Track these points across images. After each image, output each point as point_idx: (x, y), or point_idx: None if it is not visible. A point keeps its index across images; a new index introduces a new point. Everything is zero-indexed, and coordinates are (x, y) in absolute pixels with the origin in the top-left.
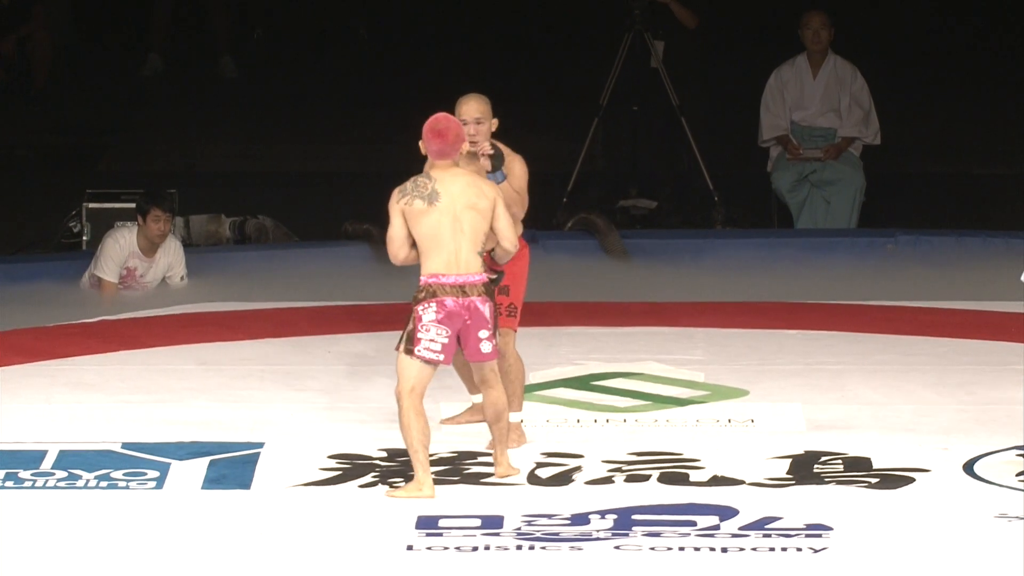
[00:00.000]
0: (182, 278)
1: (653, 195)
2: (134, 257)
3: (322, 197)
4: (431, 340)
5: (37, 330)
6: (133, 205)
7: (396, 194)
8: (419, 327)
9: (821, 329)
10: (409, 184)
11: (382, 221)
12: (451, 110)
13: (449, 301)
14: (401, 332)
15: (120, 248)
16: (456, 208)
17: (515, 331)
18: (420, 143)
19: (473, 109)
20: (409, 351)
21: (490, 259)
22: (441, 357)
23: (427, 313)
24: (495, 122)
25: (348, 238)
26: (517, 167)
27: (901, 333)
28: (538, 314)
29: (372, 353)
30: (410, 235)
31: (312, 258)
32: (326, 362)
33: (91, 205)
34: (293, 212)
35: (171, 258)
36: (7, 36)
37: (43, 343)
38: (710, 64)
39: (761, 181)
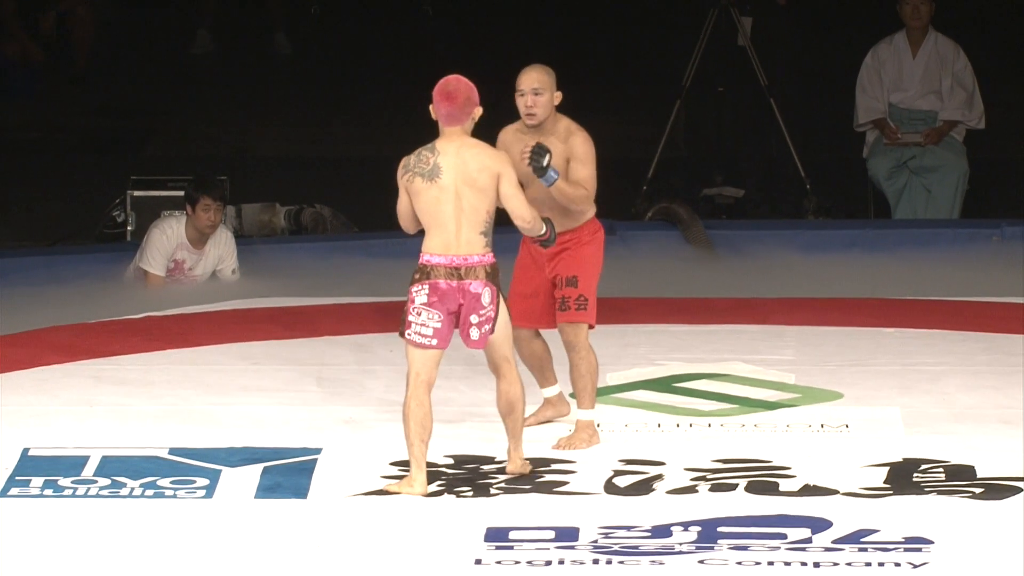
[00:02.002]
0: (233, 271)
1: (739, 183)
2: (182, 249)
3: (384, 184)
4: (422, 324)
5: (78, 327)
6: (181, 193)
7: (401, 168)
8: (411, 309)
9: (921, 327)
10: (413, 158)
11: None
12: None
13: (442, 283)
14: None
15: (167, 239)
16: (457, 185)
17: (589, 324)
18: (431, 107)
19: (531, 79)
20: (401, 333)
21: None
22: (434, 342)
23: (419, 295)
24: (559, 95)
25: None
26: (579, 145)
27: (1007, 332)
28: (615, 310)
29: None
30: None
31: (373, 250)
32: (388, 362)
33: (136, 193)
34: (353, 200)
35: (222, 250)
36: (46, 12)
37: (85, 341)
38: (802, 42)
39: (856, 168)
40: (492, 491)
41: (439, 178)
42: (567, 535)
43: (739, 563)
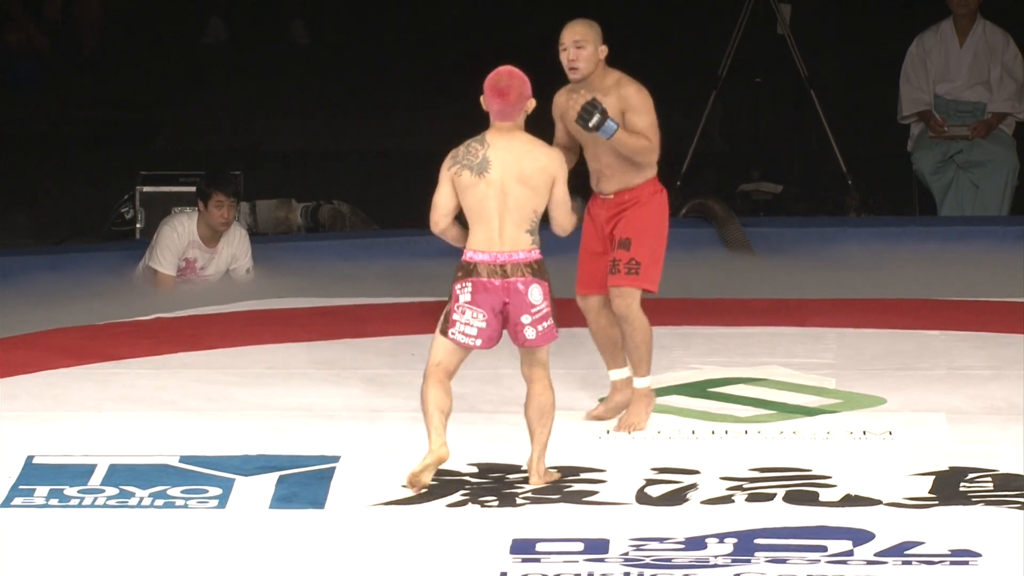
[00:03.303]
0: (248, 271)
1: (778, 178)
2: (194, 247)
3: (405, 179)
4: (466, 323)
5: (85, 329)
6: (193, 189)
7: (448, 159)
8: (455, 308)
9: (968, 330)
10: (461, 150)
11: None
12: (553, 80)
13: (486, 281)
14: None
15: (178, 237)
16: (505, 181)
17: (639, 290)
18: (481, 99)
19: (572, 32)
20: (444, 331)
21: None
22: (478, 343)
23: (464, 293)
24: (604, 49)
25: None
26: (633, 95)
27: None
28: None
29: None
30: (458, 205)
31: (394, 249)
32: (410, 366)
33: (145, 189)
34: (373, 196)
35: (235, 248)
36: None
37: (92, 343)
38: (843, 30)
39: (901, 162)
40: (518, 501)
41: (487, 172)
42: (597, 547)
43: None
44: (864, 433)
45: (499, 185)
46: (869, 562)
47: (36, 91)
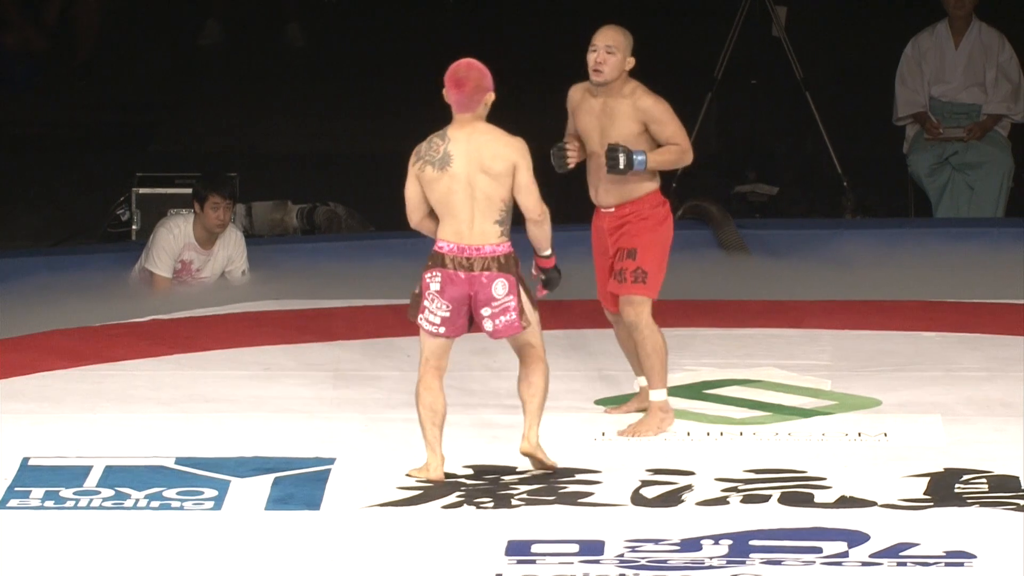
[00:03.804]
0: (243, 273)
1: (774, 180)
2: (190, 249)
3: (401, 181)
4: (432, 312)
5: (81, 330)
6: (189, 191)
7: (413, 155)
8: (425, 295)
9: (964, 331)
10: (424, 145)
11: None
12: (550, 83)
13: (452, 272)
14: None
15: (174, 239)
16: (469, 173)
17: (648, 298)
18: (444, 92)
19: (606, 36)
20: (412, 317)
21: (538, 258)
22: (441, 330)
23: (432, 282)
24: (631, 61)
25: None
26: (652, 107)
27: None
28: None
29: (457, 357)
30: (426, 200)
31: (390, 250)
32: (406, 367)
33: (141, 190)
34: (368, 198)
35: (231, 250)
36: (49, 1)
37: (88, 345)
38: (839, 32)
39: (896, 164)
40: (514, 502)
41: (450, 166)
42: (592, 549)
43: None
44: (859, 434)
45: (463, 178)
46: (864, 563)
47: (33, 93)
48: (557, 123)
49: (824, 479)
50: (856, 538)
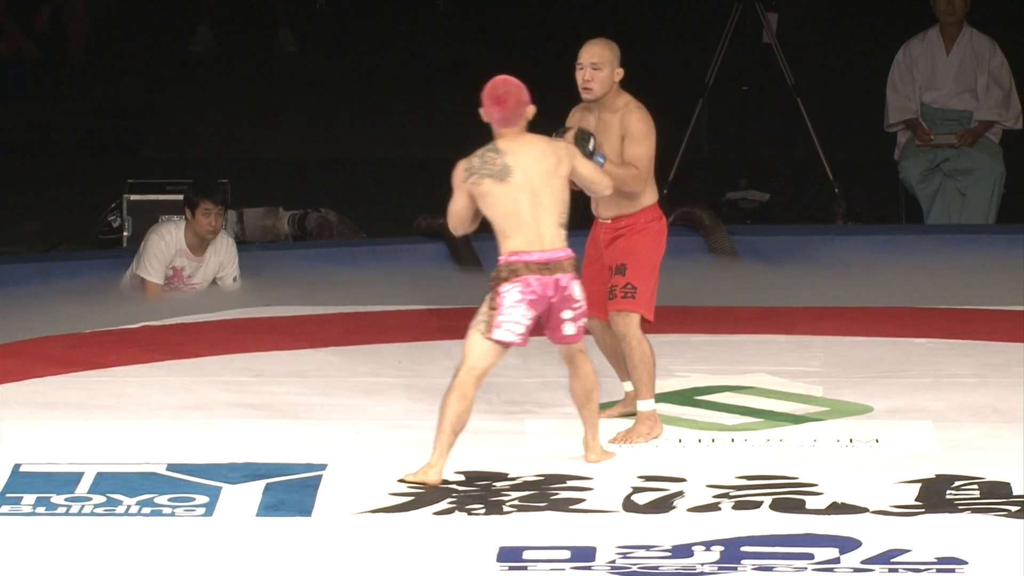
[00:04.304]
0: (235, 279)
1: (765, 186)
2: (181, 255)
3: (393, 188)
4: (514, 322)
5: (73, 337)
6: (180, 197)
7: (462, 171)
8: (501, 308)
9: (955, 338)
10: (476, 160)
11: None
12: (544, 87)
13: (534, 280)
14: (477, 311)
15: (166, 245)
16: (533, 182)
17: (636, 312)
18: (481, 111)
19: (591, 52)
20: (485, 333)
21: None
22: (519, 340)
23: (510, 294)
24: (620, 72)
25: (422, 234)
26: (634, 123)
27: None
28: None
29: (448, 364)
30: (474, 211)
31: (381, 257)
32: (397, 374)
33: (133, 197)
34: (360, 205)
35: (223, 257)
36: (40, 8)
37: (79, 352)
38: (830, 38)
39: (887, 170)
40: (505, 509)
41: (511, 177)
42: (584, 555)
43: None
44: (851, 441)
45: (527, 187)
46: (856, 570)
47: (24, 99)
48: (552, 125)
49: (815, 485)
50: (848, 544)
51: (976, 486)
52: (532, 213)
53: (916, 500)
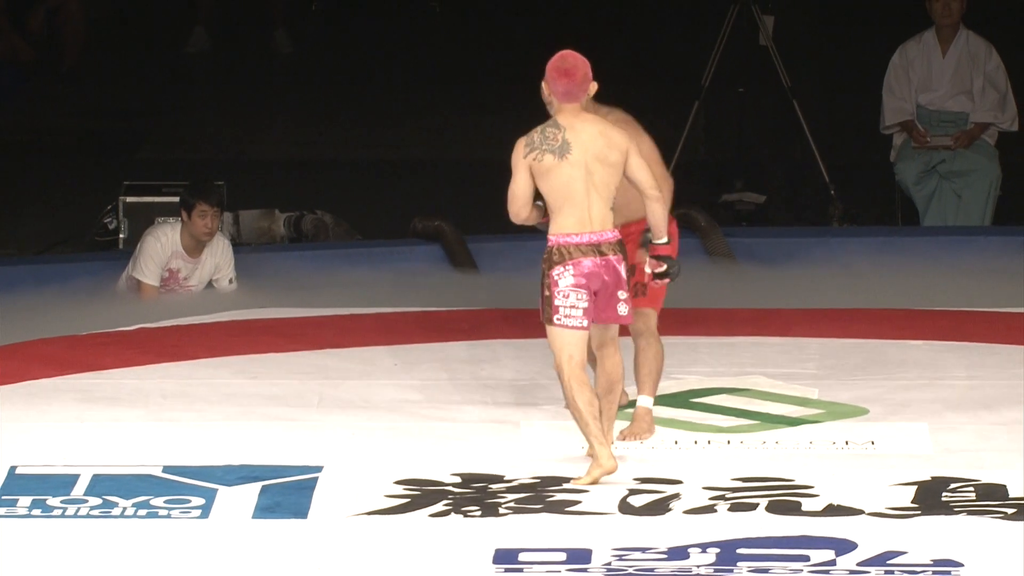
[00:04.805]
0: (231, 281)
1: (761, 188)
2: (177, 257)
3: (389, 189)
4: (571, 307)
5: (68, 339)
6: (176, 199)
7: (522, 147)
8: (556, 293)
9: (951, 340)
10: (537, 136)
11: (456, 216)
12: (539, 87)
13: (587, 262)
14: (540, 299)
15: (162, 247)
16: (588, 161)
17: (645, 310)
18: (543, 84)
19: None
20: (549, 320)
21: (654, 247)
22: (585, 323)
23: (564, 277)
24: (594, 85)
25: (418, 236)
26: (645, 146)
27: None
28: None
29: (444, 366)
30: (535, 192)
31: (377, 259)
32: (393, 376)
33: (129, 199)
34: (356, 207)
35: (219, 259)
36: (35, 9)
37: (75, 354)
38: (826, 41)
39: (883, 172)
40: (501, 511)
41: (569, 155)
42: (579, 557)
43: None
44: (847, 443)
45: (583, 166)
46: (852, 572)
47: (20, 100)
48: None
49: (811, 487)
50: (844, 546)
51: (972, 488)
52: (585, 192)
53: (912, 502)
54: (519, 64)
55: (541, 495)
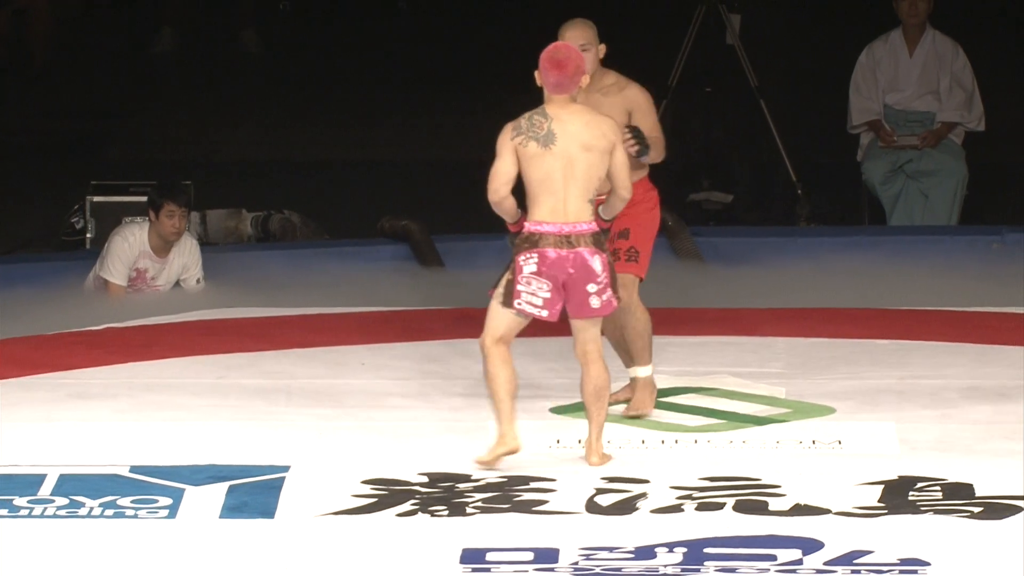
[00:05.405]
0: (198, 281)
1: (728, 188)
2: (145, 257)
3: (356, 189)
4: (532, 294)
5: (35, 339)
6: (143, 198)
7: (509, 130)
8: (519, 279)
9: (918, 339)
10: (524, 121)
11: (423, 216)
12: (507, 87)
13: (551, 252)
14: (499, 277)
15: (129, 247)
16: (571, 151)
17: (638, 278)
18: (536, 73)
19: (576, 35)
20: (508, 304)
21: (597, 217)
22: (544, 313)
23: (528, 264)
24: (603, 48)
25: (385, 236)
26: (639, 96)
27: (1008, 343)
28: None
29: (411, 365)
30: (518, 175)
31: (345, 258)
32: (360, 375)
33: (96, 198)
34: (323, 206)
35: (186, 258)
36: (2, 10)
37: (42, 353)
38: (793, 40)
39: (850, 172)
40: (468, 510)
41: (554, 144)
42: (547, 556)
43: None
44: (813, 442)
45: (566, 156)
46: (818, 571)
47: None
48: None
49: (778, 487)
50: (810, 546)
51: (939, 487)
52: (563, 183)
53: (879, 501)
54: (487, 65)
55: (508, 495)
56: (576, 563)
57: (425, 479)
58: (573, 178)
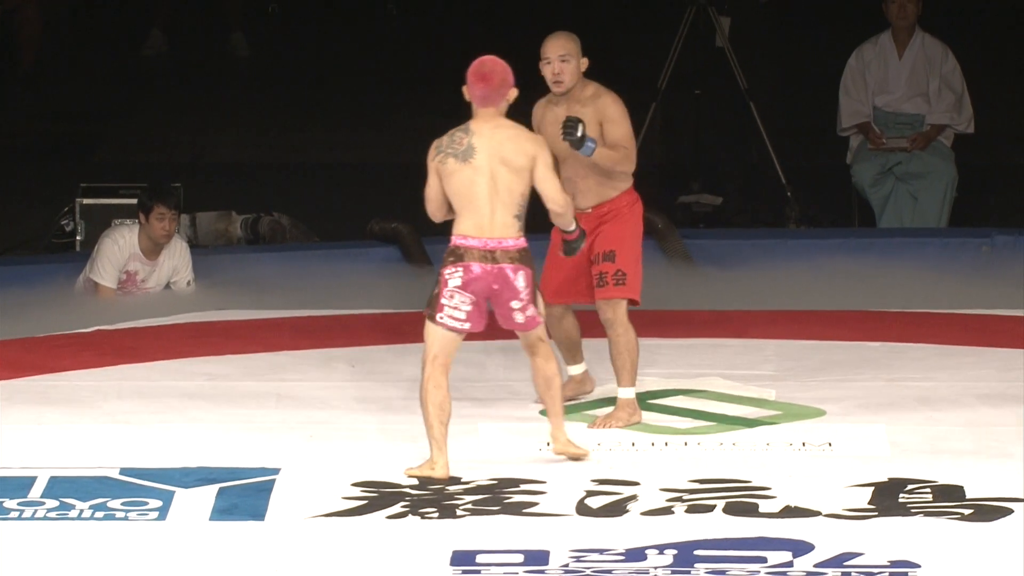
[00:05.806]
0: (188, 283)
1: (718, 190)
2: (135, 259)
3: (346, 192)
4: (455, 307)
5: (25, 341)
6: (133, 201)
7: (432, 150)
8: (443, 292)
9: (907, 341)
10: (445, 139)
11: (412, 218)
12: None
13: (476, 267)
14: (428, 294)
15: (119, 249)
16: (491, 165)
17: (630, 300)
18: (464, 88)
19: (557, 46)
20: (431, 317)
21: (563, 234)
22: (467, 325)
23: (452, 278)
24: (585, 61)
25: (375, 238)
26: (609, 105)
27: (997, 345)
28: (587, 325)
29: (401, 368)
30: (443, 194)
31: (334, 261)
32: (350, 378)
33: (86, 201)
34: (313, 209)
35: (176, 261)
36: None
37: (32, 356)
38: (782, 43)
39: (840, 174)
40: (458, 513)
41: (473, 159)
42: (537, 558)
43: None
44: (804, 444)
45: (487, 171)
46: (808, 573)
47: None
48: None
49: (769, 489)
50: (801, 548)
51: (929, 489)
52: (488, 198)
53: (869, 503)
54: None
55: (498, 497)
56: (566, 565)
57: (415, 481)
58: (496, 193)
